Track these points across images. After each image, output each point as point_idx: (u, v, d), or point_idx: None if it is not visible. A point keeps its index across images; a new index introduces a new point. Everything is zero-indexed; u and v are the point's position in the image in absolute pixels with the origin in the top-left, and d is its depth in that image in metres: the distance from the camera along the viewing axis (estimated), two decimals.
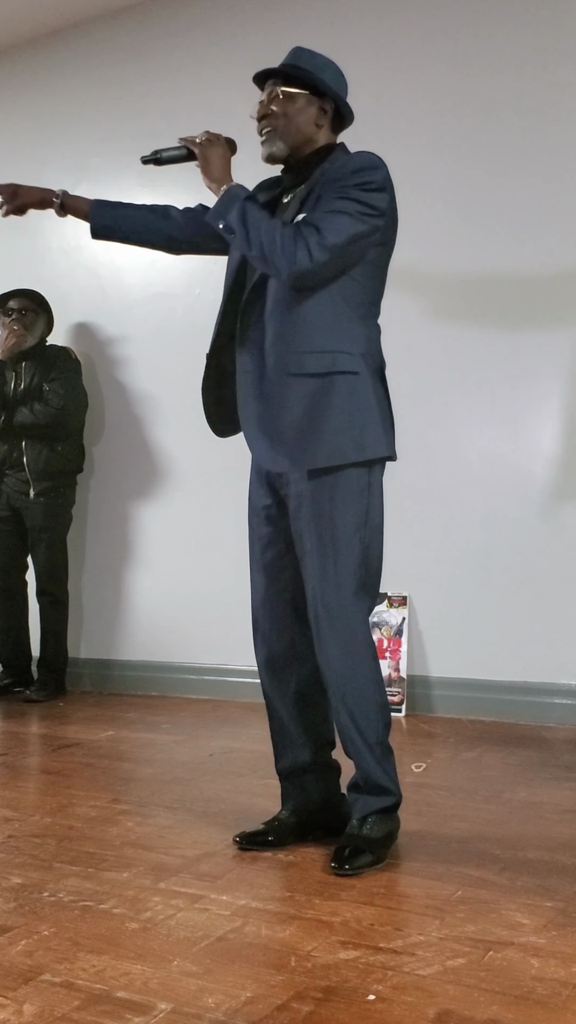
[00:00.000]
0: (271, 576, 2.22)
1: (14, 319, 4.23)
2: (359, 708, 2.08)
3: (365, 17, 3.75)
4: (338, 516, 2.07)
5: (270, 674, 2.25)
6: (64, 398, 4.18)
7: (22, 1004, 1.51)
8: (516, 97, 3.52)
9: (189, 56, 4.19)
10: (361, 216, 2.05)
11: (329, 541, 2.07)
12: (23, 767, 3.06)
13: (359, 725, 2.08)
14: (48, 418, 4.15)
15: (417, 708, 3.59)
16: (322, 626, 2.09)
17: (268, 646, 2.24)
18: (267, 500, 2.20)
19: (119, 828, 2.37)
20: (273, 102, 2.19)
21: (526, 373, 3.50)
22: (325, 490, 2.07)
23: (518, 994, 1.49)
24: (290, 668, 2.23)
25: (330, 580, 2.07)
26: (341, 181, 2.06)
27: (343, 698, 2.08)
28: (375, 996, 1.50)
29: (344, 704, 2.09)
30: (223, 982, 1.56)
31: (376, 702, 2.11)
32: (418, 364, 3.50)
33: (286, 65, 2.22)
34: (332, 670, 2.09)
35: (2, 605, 4.32)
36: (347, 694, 2.08)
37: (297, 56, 2.23)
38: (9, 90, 4.73)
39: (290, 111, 2.18)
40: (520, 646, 3.47)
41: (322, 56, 2.22)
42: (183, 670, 4.17)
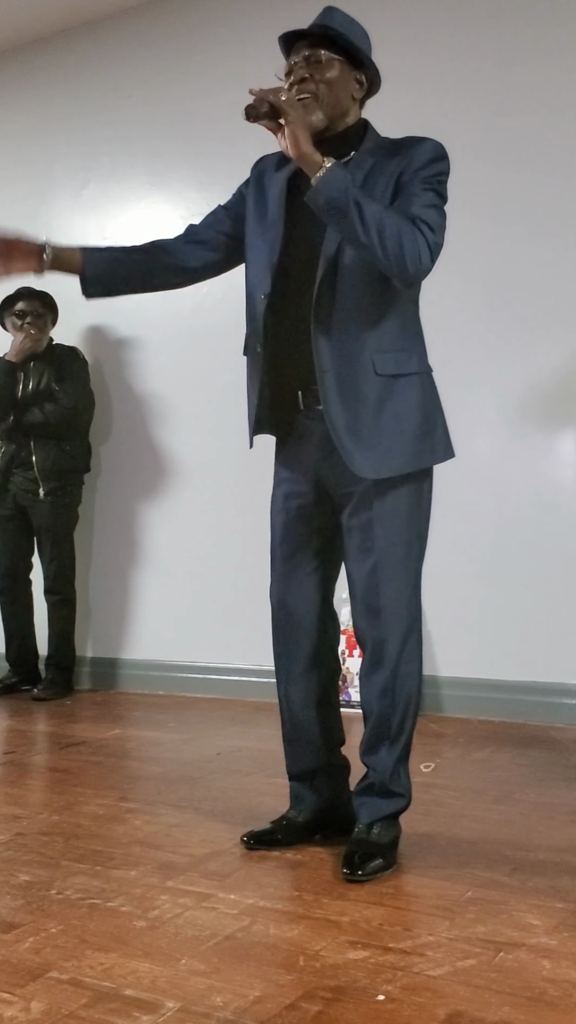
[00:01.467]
0: (299, 579, 2.18)
1: (29, 322, 4.21)
2: (402, 706, 2.06)
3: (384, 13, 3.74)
4: (404, 516, 2.05)
5: (293, 678, 2.21)
6: (74, 397, 4.19)
7: (30, 1001, 1.50)
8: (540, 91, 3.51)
9: (199, 54, 4.19)
10: (443, 210, 2.02)
11: (394, 541, 2.04)
12: (30, 765, 3.06)
13: (397, 722, 2.06)
14: (59, 417, 4.15)
15: (426, 708, 3.58)
16: (378, 625, 2.05)
17: (293, 650, 2.20)
18: (307, 497, 2.14)
19: (126, 826, 2.36)
20: (313, 66, 2.03)
21: (538, 371, 3.48)
22: (392, 490, 2.04)
23: (529, 996, 1.48)
24: (313, 671, 2.20)
25: (391, 579, 2.04)
26: (422, 171, 1.98)
27: (392, 693, 2.05)
28: (384, 996, 1.49)
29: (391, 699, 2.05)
30: (231, 981, 1.55)
31: (417, 702, 2.10)
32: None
33: (325, 27, 2.05)
34: (385, 667, 2.05)
35: (8, 604, 4.33)
36: (396, 692, 2.05)
37: (329, 16, 2.07)
38: (18, 88, 4.73)
39: (331, 78, 2.03)
40: (530, 646, 3.45)
41: (356, 21, 2.08)
42: (190, 669, 4.16)
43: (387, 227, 1.90)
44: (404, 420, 2.04)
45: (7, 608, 4.33)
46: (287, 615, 2.20)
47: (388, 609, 2.05)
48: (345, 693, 3.57)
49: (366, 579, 2.06)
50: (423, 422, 2.06)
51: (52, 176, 4.62)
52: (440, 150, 2.04)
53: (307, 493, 2.15)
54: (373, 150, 2.07)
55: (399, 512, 2.05)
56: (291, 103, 1.91)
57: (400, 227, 1.92)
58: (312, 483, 2.14)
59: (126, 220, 4.41)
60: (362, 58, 2.08)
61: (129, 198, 4.41)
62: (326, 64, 2.04)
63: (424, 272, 1.97)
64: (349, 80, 2.08)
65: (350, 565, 2.10)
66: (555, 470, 3.45)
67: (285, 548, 2.19)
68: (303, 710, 2.21)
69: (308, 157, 1.91)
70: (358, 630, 2.09)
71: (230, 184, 4.14)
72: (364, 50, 2.09)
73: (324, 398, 2.03)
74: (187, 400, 4.21)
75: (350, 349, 2.02)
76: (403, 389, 2.05)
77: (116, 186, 4.45)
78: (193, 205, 4.23)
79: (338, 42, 2.05)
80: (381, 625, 2.05)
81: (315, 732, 2.21)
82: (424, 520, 2.12)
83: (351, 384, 2.02)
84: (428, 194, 1.99)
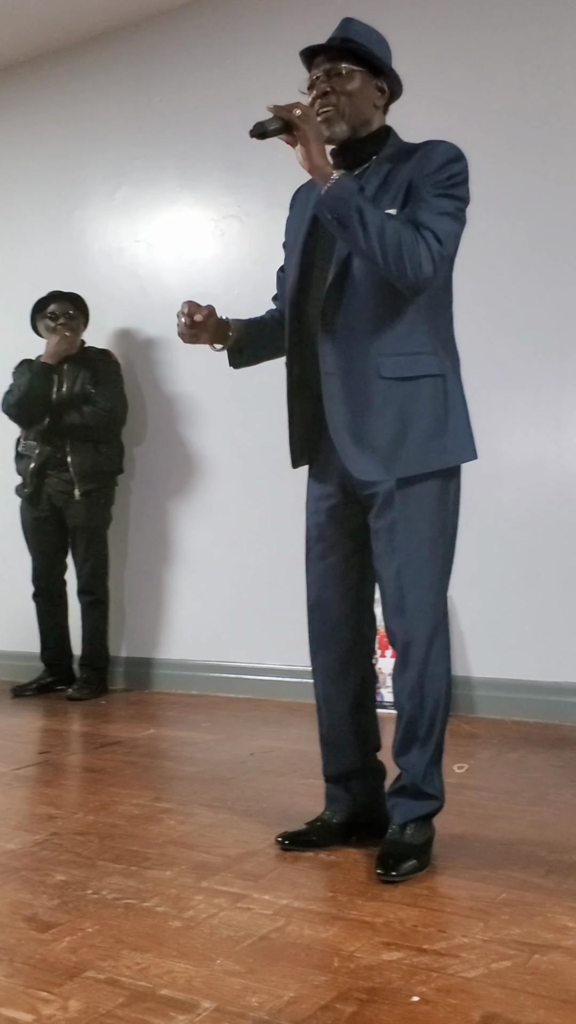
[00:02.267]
0: (334, 581, 2.18)
1: (62, 323, 4.26)
2: (431, 706, 2.06)
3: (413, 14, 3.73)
4: (427, 517, 2.05)
5: (329, 680, 2.21)
6: (111, 400, 4.23)
7: (67, 1000, 1.52)
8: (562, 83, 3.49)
9: (230, 59, 4.20)
10: (459, 214, 2.02)
11: (418, 542, 2.04)
12: (66, 765, 3.09)
13: (426, 723, 2.06)
14: (97, 420, 4.19)
15: (459, 709, 3.57)
16: (405, 625, 2.05)
17: (329, 651, 2.20)
18: (336, 499, 2.15)
19: (161, 826, 2.38)
20: (334, 79, 2.07)
21: (570, 371, 3.46)
22: (414, 492, 2.04)
23: (565, 998, 1.47)
24: (348, 674, 2.20)
25: (416, 580, 2.04)
26: (433, 175, 1.99)
27: (420, 693, 2.05)
28: (419, 998, 1.49)
29: (420, 700, 2.05)
30: (266, 981, 1.55)
31: (445, 705, 2.10)
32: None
33: (344, 40, 2.10)
34: (412, 668, 2.05)
35: (44, 605, 4.37)
36: (424, 692, 2.05)
37: (349, 29, 2.11)
38: (52, 93, 4.77)
39: (352, 90, 2.07)
40: (564, 647, 3.43)
41: (374, 29, 2.13)
42: (223, 669, 4.18)
43: (388, 235, 1.92)
44: (409, 423, 2.03)
45: (43, 609, 4.37)
46: (323, 617, 2.20)
47: (413, 610, 2.05)
48: (378, 694, 3.56)
49: (392, 581, 2.06)
50: (432, 424, 2.05)
51: (85, 180, 4.66)
52: (454, 152, 2.04)
53: (335, 494, 2.16)
54: (392, 156, 2.08)
55: (423, 513, 2.05)
56: (304, 117, 1.95)
57: (402, 235, 1.93)
58: (338, 485, 2.15)
59: (158, 224, 4.44)
60: (382, 66, 2.11)
61: (161, 202, 4.43)
62: (347, 76, 2.07)
63: (425, 280, 1.97)
64: (370, 89, 2.11)
65: (378, 567, 2.11)
66: None
67: (319, 549, 2.20)
68: (339, 712, 2.21)
69: (319, 169, 1.96)
70: (388, 631, 2.10)
71: (261, 187, 4.20)
72: (383, 58, 2.12)
73: (327, 400, 2.06)
74: (220, 401, 4.23)
75: (355, 352, 2.04)
76: (411, 392, 2.04)
77: (148, 190, 4.48)
78: (224, 208, 4.25)
79: (358, 53, 2.08)
80: (407, 626, 2.06)
81: (350, 734, 2.22)
82: (450, 521, 2.11)
83: (354, 387, 2.04)
84: (439, 200, 1.99)
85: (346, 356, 2.04)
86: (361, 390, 2.04)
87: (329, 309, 2.05)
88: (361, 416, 2.04)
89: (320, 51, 2.11)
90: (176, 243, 4.39)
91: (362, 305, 2.04)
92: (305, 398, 2.16)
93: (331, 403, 2.06)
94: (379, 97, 2.13)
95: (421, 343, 2.07)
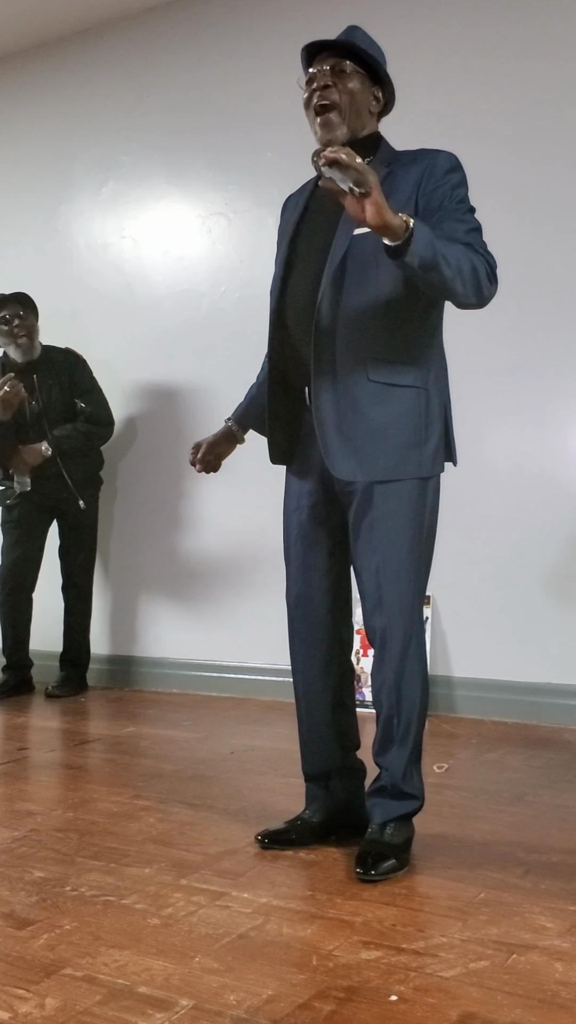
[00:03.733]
0: (314, 578, 2.19)
1: (16, 325, 4.09)
2: (408, 705, 2.07)
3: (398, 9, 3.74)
4: (406, 516, 2.06)
5: (309, 677, 2.22)
6: (105, 407, 4.22)
7: (44, 997, 1.51)
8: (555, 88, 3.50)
9: (217, 55, 4.19)
10: (479, 224, 2.07)
11: (398, 540, 2.05)
12: (45, 762, 3.08)
13: (403, 722, 2.07)
14: (104, 435, 4.23)
15: (439, 709, 3.58)
16: (383, 623, 2.06)
17: (309, 649, 2.21)
18: (317, 497, 2.16)
19: (141, 824, 2.37)
20: (337, 75, 2.08)
21: (553, 374, 3.48)
22: (393, 490, 2.05)
23: (541, 998, 1.48)
24: (329, 672, 2.21)
25: (394, 579, 2.05)
26: (450, 190, 2.03)
27: (397, 692, 2.06)
28: (397, 997, 1.49)
29: (397, 698, 2.06)
30: (245, 979, 1.55)
31: (422, 704, 2.10)
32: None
33: (349, 41, 2.11)
34: (389, 666, 2.06)
35: (13, 599, 4.24)
36: (401, 690, 2.06)
37: (353, 34, 2.13)
38: (38, 88, 4.75)
39: (354, 89, 2.08)
40: (543, 647, 3.45)
41: (375, 41, 2.15)
42: (204, 667, 4.18)
43: (464, 268, 1.96)
44: (391, 429, 2.05)
45: (11, 603, 4.23)
46: (304, 614, 2.21)
47: (391, 608, 2.06)
48: (359, 693, 3.57)
49: (372, 578, 2.07)
50: (412, 434, 2.06)
51: (71, 176, 4.64)
52: (455, 161, 2.09)
53: (316, 492, 2.17)
54: (386, 160, 2.10)
55: (402, 511, 2.06)
56: (376, 183, 1.80)
57: (472, 263, 1.97)
58: (319, 482, 2.16)
59: (145, 220, 4.43)
60: (382, 75, 2.13)
61: (147, 198, 4.42)
62: (350, 75, 2.09)
63: (492, 296, 2.04)
64: (368, 95, 2.13)
65: (357, 565, 2.12)
66: (570, 472, 3.45)
67: (299, 547, 2.20)
68: (320, 710, 2.22)
69: (392, 228, 1.84)
70: (367, 629, 2.11)
71: (248, 183, 4.19)
72: (384, 66, 2.14)
73: (315, 396, 2.07)
74: (204, 398, 4.22)
75: (347, 353, 2.05)
76: (396, 399, 2.05)
77: (135, 186, 4.46)
78: (212, 205, 4.24)
79: (360, 56, 2.10)
80: (385, 625, 2.06)
81: (331, 733, 2.22)
82: (429, 520, 2.12)
83: (344, 387, 2.05)
84: (468, 216, 2.04)
85: (338, 356, 2.05)
86: (350, 391, 2.05)
87: (323, 311, 2.05)
88: (347, 416, 2.05)
89: (325, 47, 2.12)
90: (163, 239, 4.38)
91: (354, 310, 2.04)
92: (287, 397, 2.17)
93: (320, 401, 2.06)
94: (375, 105, 2.15)
95: (408, 353, 2.08)
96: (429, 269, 1.91)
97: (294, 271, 2.14)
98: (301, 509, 2.20)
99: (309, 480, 2.18)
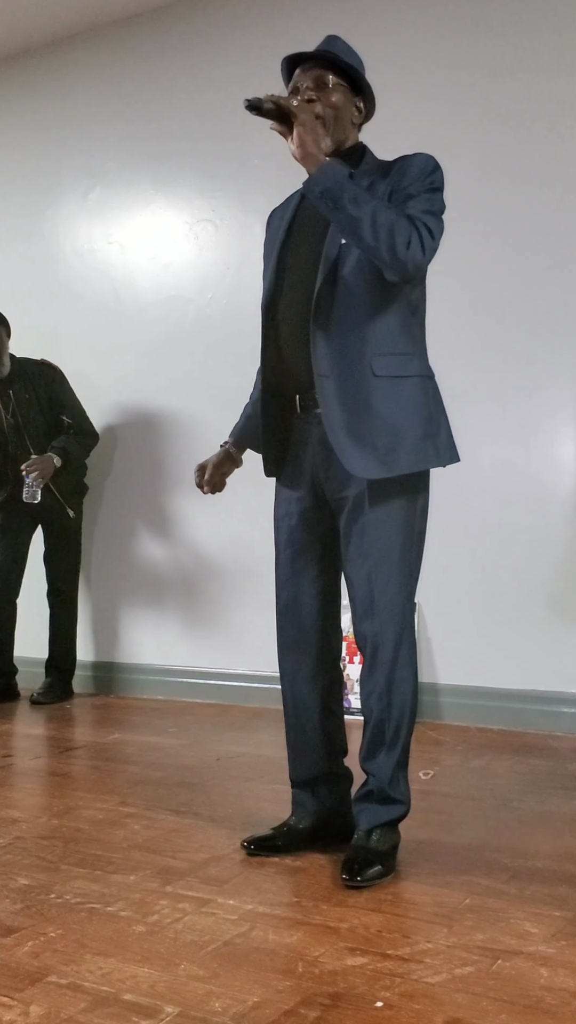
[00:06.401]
0: (304, 585, 2.19)
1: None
2: (398, 710, 2.07)
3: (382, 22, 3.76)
4: (397, 521, 2.06)
5: (296, 684, 2.22)
6: (88, 420, 4.23)
7: (29, 1005, 1.50)
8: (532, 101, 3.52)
9: (205, 61, 4.20)
10: (441, 215, 2.04)
11: (389, 546, 2.05)
12: (30, 769, 3.06)
13: (393, 727, 2.07)
14: (93, 444, 4.26)
15: (425, 715, 3.58)
16: (374, 628, 2.06)
17: (299, 655, 2.21)
18: (307, 503, 2.16)
19: (126, 831, 2.36)
20: (320, 89, 2.09)
21: (539, 380, 3.49)
22: (384, 496, 2.05)
23: (527, 1003, 1.48)
24: (317, 677, 2.21)
25: (386, 584, 2.05)
26: (415, 183, 2.02)
27: (388, 697, 2.05)
28: (383, 1003, 1.49)
29: (387, 703, 2.06)
30: (230, 986, 1.55)
31: (412, 710, 2.11)
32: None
33: (330, 53, 2.11)
34: (380, 671, 2.06)
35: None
36: (392, 695, 2.06)
37: (333, 44, 2.14)
38: (24, 93, 4.75)
39: (337, 102, 2.10)
40: (529, 654, 3.46)
41: (354, 50, 2.16)
42: (189, 674, 4.17)
43: (381, 216, 1.93)
44: (405, 421, 2.05)
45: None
46: (293, 621, 2.21)
47: (383, 613, 2.06)
48: (346, 700, 3.57)
49: (363, 583, 2.07)
50: (426, 424, 2.08)
51: (58, 181, 4.64)
52: (431, 163, 2.07)
53: (306, 498, 2.17)
54: (369, 172, 2.11)
55: (393, 518, 2.06)
56: (301, 107, 1.97)
57: (396, 219, 1.94)
58: (310, 487, 2.16)
59: (132, 226, 4.43)
60: (363, 85, 2.14)
61: (134, 204, 4.42)
62: (332, 88, 2.10)
63: (416, 263, 1.97)
64: (350, 106, 2.14)
65: (347, 570, 2.12)
66: (556, 478, 3.46)
67: (289, 553, 2.21)
68: (307, 717, 2.22)
69: (313, 157, 1.95)
70: (358, 634, 2.11)
71: (235, 189, 4.20)
72: (364, 77, 2.14)
73: (323, 401, 2.05)
74: (187, 406, 4.22)
75: (349, 352, 2.04)
76: (404, 391, 2.06)
77: (121, 192, 4.46)
78: (198, 211, 4.25)
79: (342, 67, 2.11)
80: (377, 629, 2.07)
81: (318, 739, 2.22)
82: (419, 526, 2.13)
83: (350, 386, 2.04)
84: (425, 201, 2.02)
85: (340, 357, 2.04)
86: (357, 390, 2.04)
87: (320, 311, 2.05)
88: (358, 415, 2.04)
89: (306, 60, 2.13)
90: (149, 246, 4.38)
91: (353, 306, 2.04)
92: (280, 408, 2.18)
93: (327, 404, 2.05)
94: (357, 115, 2.17)
95: (409, 345, 2.09)
96: (333, 203, 1.93)
97: (285, 284, 2.14)
98: (291, 515, 2.20)
99: (299, 487, 2.18)
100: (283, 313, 2.13)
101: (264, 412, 2.19)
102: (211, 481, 2.39)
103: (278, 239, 2.20)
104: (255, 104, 1.94)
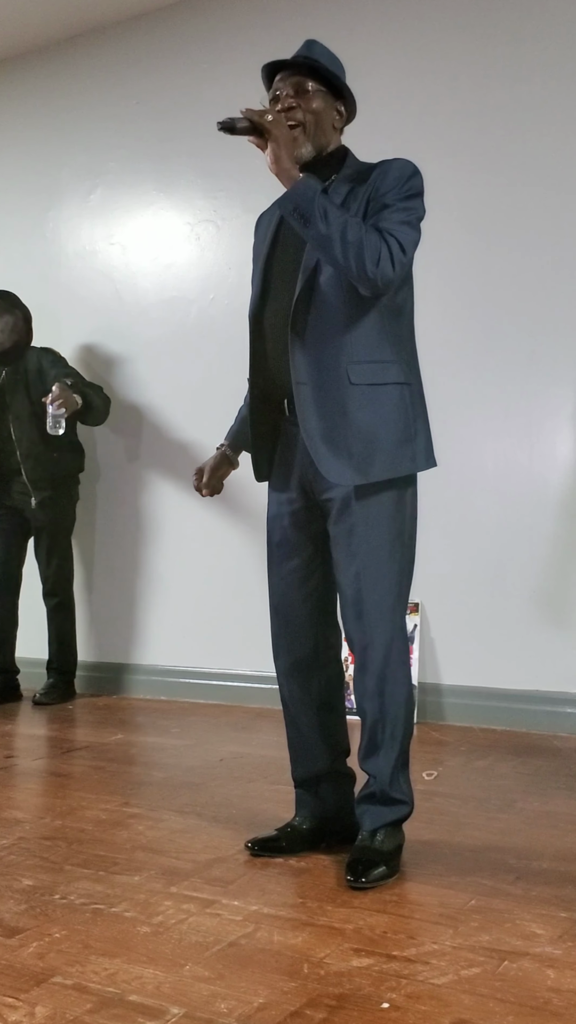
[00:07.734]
0: (295, 584, 2.20)
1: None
2: (392, 710, 2.06)
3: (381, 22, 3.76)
4: (385, 522, 2.07)
5: (292, 682, 2.22)
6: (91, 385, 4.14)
7: (34, 1006, 1.50)
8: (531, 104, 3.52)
9: (206, 62, 4.20)
10: (417, 224, 2.04)
11: (377, 547, 2.06)
12: (33, 770, 3.06)
13: (389, 727, 2.06)
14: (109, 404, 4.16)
15: (428, 716, 3.58)
16: (363, 629, 2.06)
17: (291, 654, 2.22)
18: (297, 504, 2.17)
19: (130, 832, 2.36)
20: (300, 96, 2.10)
21: (542, 381, 3.49)
22: (372, 497, 2.06)
23: (534, 1005, 1.48)
24: (313, 675, 2.21)
25: (374, 584, 2.05)
26: (392, 189, 2.02)
27: (380, 697, 2.05)
28: (389, 1004, 1.48)
29: (380, 704, 2.06)
30: (235, 987, 1.55)
31: (407, 709, 2.10)
32: (432, 371, 3.46)
33: (309, 59, 2.13)
34: (371, 672, 2.06)
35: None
36: (385, 696, 2.06)
37: (312, 49, 2.15)
38: (26, 94, 4.75)
39: (317, 108, 2.11)
40: (533, 655, 3.45)
41: (334, 54, 2.17)
42: (192, 674, 4.16)
43: (350, 232, 1.94)
44: (381, 428, 2.06)
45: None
46: (285, 620, 2.22)
47: (371, 615, 2.06)
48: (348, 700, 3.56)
49: (351, 585, 2.08)
50: (402, 431, 2.08)
51: (60, 182, 4.64)
52: (410, 167, 2.07)
53: (296, 499, 2.18)
54: (351, 176, 2.12)
55: (380, 519, 2.07)
56: (276, 122, 1.99)
57: (364, 235, 1.95)
58: (299, 488, 2.17)
59: (133, 226, 4.43)
60: (343, 90, 2.15)
61: (136, 204, 4.42)
62: (312, 95, 2.11)
63: (386, 280, 1.97)
64: (331, 111, 2.15)
65: (337, 572, 2.13)
66: (559, 478, 3.46)
67: (280, 554, 2.22)
68: (305, 715, 2.22)
69: (286, 172, 2.00)
70: (347, 636, 2.12)
71: (237, 193, 4.19)
72: (344, 80, 2.15)
73: (300, 409, 2.07)
74: (189, 406, 4.22)
75: (325, 360, 2.06)
76: (380, 398, 2.06)
77: (123, 192, 4.46)
78: (200, 212, 4.25)
79: (321, 73, 2.12)
80: (366, 631, 2.07)
81: (317, 736, 2.22)
82: (408, 526, 2.12)
83: (327, 394, 2.06)
84: (399, 212, 2.02)
85: (317, 365, 2.06)
86: (333, 397, 2.05)
87: (298, 319, 2.07)
88: (334, 423, 2.05)
89: (285, 67, 2.14)
90: (151, 246, 4.38)
91: (330, 315, 2.06)
92: (269, 412, 2.19)
93: (304, 412, 2.07)
94: (338, 119, 2.18)
95: (387, 352, 2.09)
96: (303, 220, 1.96)
97: (271, 290, 2.16)
98: (282, 516, 2.21)
99: (290, 488, 2.19)
100: (268, 320, 2.15)
101: (253, 417, 2.21)
102: (209, 484, 2.41)
103: (264, 247, 2.22)
104: (228, 126, 1.98)
